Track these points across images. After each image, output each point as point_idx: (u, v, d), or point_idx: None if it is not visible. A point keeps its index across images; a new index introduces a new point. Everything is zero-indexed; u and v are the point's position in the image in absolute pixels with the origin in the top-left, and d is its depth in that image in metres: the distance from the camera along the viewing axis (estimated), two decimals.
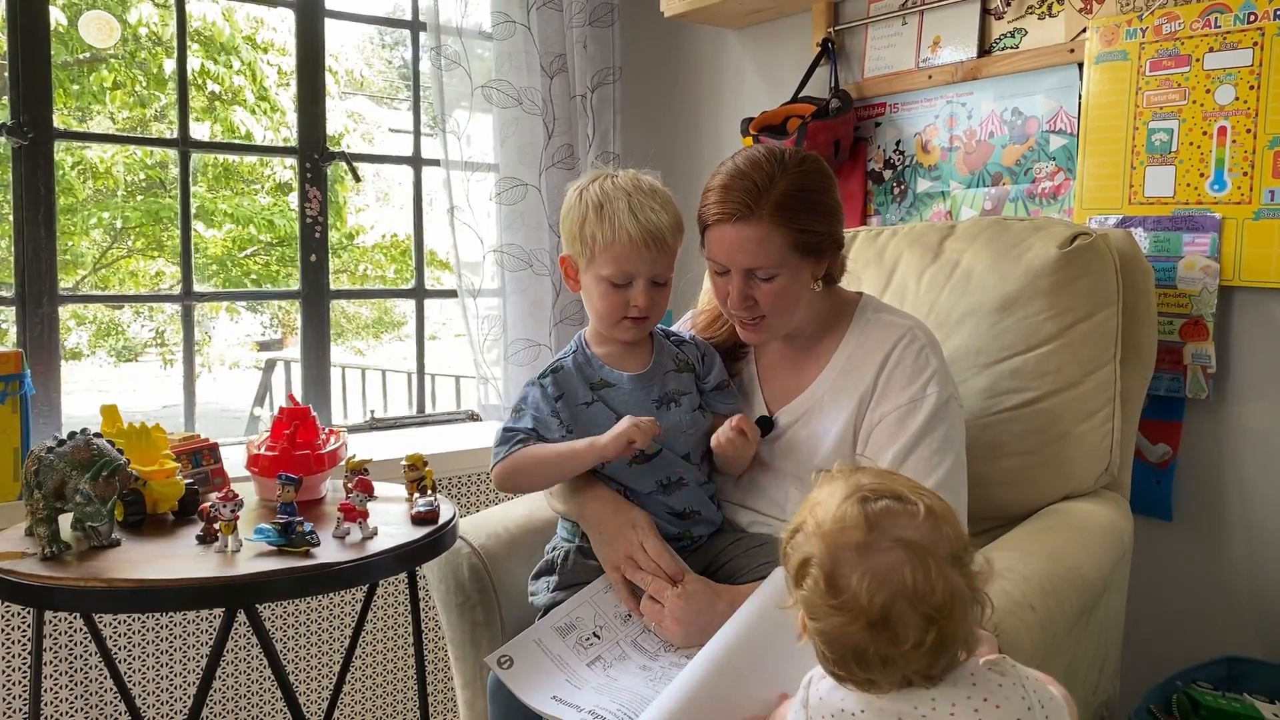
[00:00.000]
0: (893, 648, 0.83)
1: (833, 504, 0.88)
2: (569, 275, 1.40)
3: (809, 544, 0.87)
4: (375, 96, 9.36)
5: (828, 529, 0.86)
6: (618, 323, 1.35)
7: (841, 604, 0.84)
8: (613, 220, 1.30)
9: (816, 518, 0.88)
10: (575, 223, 1.35)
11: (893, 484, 0.89)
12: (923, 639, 0.82)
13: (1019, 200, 1.95)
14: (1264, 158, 1.60)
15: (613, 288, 1.33)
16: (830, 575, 0.85)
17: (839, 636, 0.85)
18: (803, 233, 1.29)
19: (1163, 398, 1.74)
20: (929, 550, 0.83)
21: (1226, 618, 1.71)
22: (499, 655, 1.31)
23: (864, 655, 0.84)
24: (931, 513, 0.86)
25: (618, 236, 1.30)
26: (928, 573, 0.82)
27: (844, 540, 0.85)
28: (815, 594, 0.85)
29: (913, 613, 0.82)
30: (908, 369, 1.33)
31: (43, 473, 1.28)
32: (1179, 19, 1.68)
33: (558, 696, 1.23)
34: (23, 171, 1.96)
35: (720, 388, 1.43)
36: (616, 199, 1.32)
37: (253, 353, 9.80)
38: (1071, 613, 1.22)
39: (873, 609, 0.82)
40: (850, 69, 2.23)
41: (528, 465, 1.34)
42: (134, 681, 1.86)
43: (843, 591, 0.84)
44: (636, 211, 1.30)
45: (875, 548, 0.84)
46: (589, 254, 1.33)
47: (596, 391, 1.37)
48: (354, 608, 2.09)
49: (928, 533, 0.84)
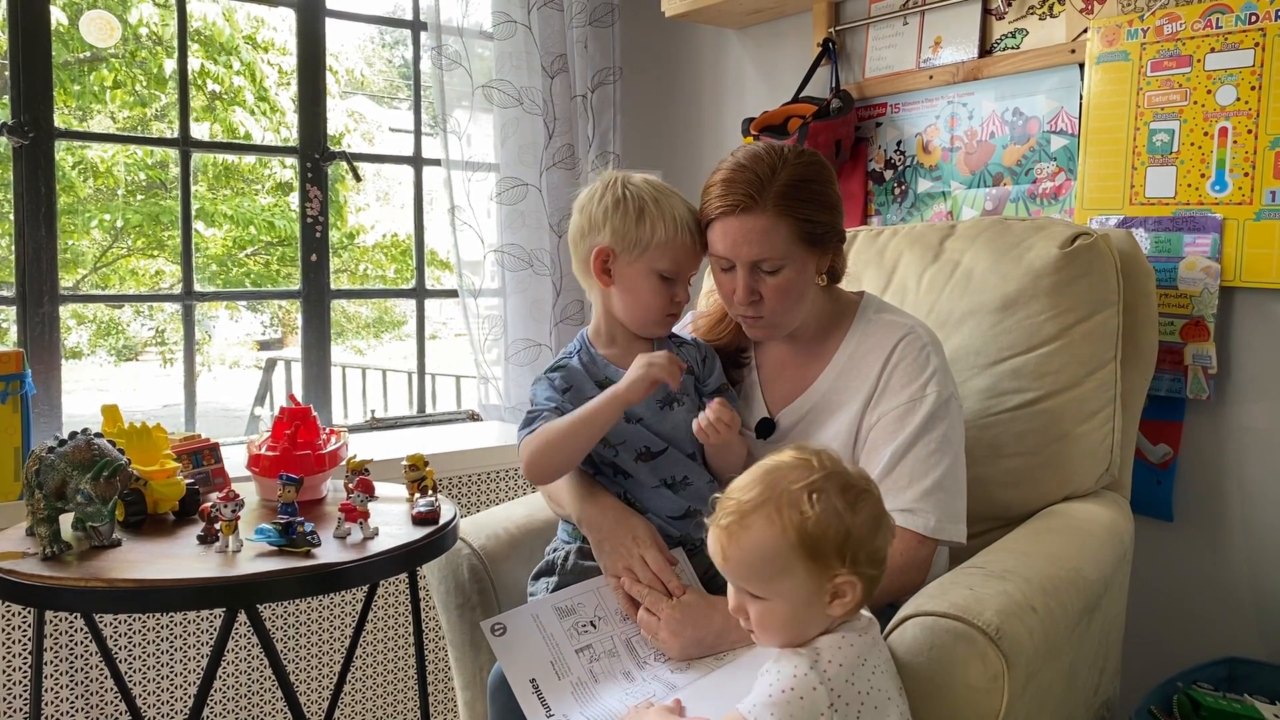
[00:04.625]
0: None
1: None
2: (600, 270, 1.37)
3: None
4: (376, 96, 9.36)
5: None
6: (661, 319, 1.38)
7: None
8: (674, 217, 1.34)
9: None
10: (628, 216, 1.34)
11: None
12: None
13: (1020, 201, 1.95)
14: (1265, 158, 1.60)
15: (663, 282, 1.35)
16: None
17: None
18: (807, 222, 1.29)
19: (1163, 398, 1.74)
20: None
21: (1227, 618, 1.71)
22: (494, 622, 1.32)
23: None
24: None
25: (680, 232, 1.34)
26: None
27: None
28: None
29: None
30: (908, 368, 1.33)
31: (43, 473, 1.28)
32: (1180, 19, 1.68)
33: (536, 681, 1.24)
34: (23, 171, 1.96)
35: (720, 391, 1.43)
36: (670, 196, 1.36)
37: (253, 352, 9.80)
38: (1073, 614, 1.22)
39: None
40: (851, 69, 2.23)
41: (554, 437, 1.29)
42: (135, 681, 1.86)
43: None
44: (689, 209, 1.36)
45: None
46: (642, 247, 1.34)
47: (602, 389, 1.37)
48: (354, 608, 2.09)
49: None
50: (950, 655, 1.05)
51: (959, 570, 1.22)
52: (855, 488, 1.00)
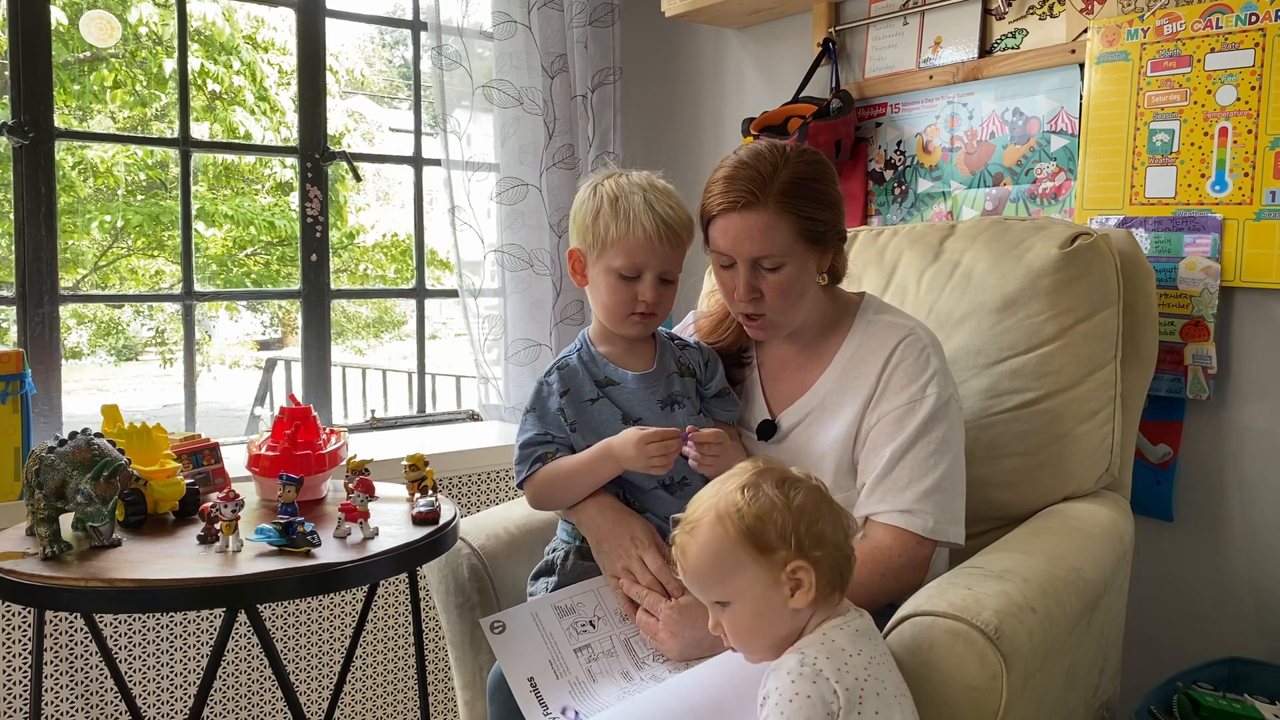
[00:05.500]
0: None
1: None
2: (575, 270, 1.40)
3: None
4: (376, 96, 9.36)
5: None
6: (625, 318, 1.36)
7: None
8: (628, 213, 1.32)
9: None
10: (589, 215, 1.35)
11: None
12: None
13: (1020, 201, 1.95)
14: (1265, 158, 1.60)
15: (622, 280, 1.34)
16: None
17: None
18: (808, 220, 1.30)
19: (1163, 398, 1.74)
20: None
21: (1227, 618, 1.71)
22: (493, 619, 1.33)
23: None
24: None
25: (632, 228, 1.31)
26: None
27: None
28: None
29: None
30: (908, 369, 1.33)
31: (44, 472, 1.28)
32: (1180, 19, 1.68)
33: (534, 680, 1.24)
34: (23, 171, 1.96)
35: (721, 394, 1.43)
36: (632, 194, 1.34)
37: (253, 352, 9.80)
38: (1072, 614, 1.22)
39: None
40: (851, 69, 2.23)
41: (554, 486, 1.36)
42: (135, 681, 1.86)
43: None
44: (653, 204, 1.33)
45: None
46: (600, 246, 1.34)
47: (603, 389, 1.37)
48: (354, 608, 2.09)
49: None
50: (949, 655, 1.05)
51: (958, 570, 1.22)
52: (791, 478, 1.03)
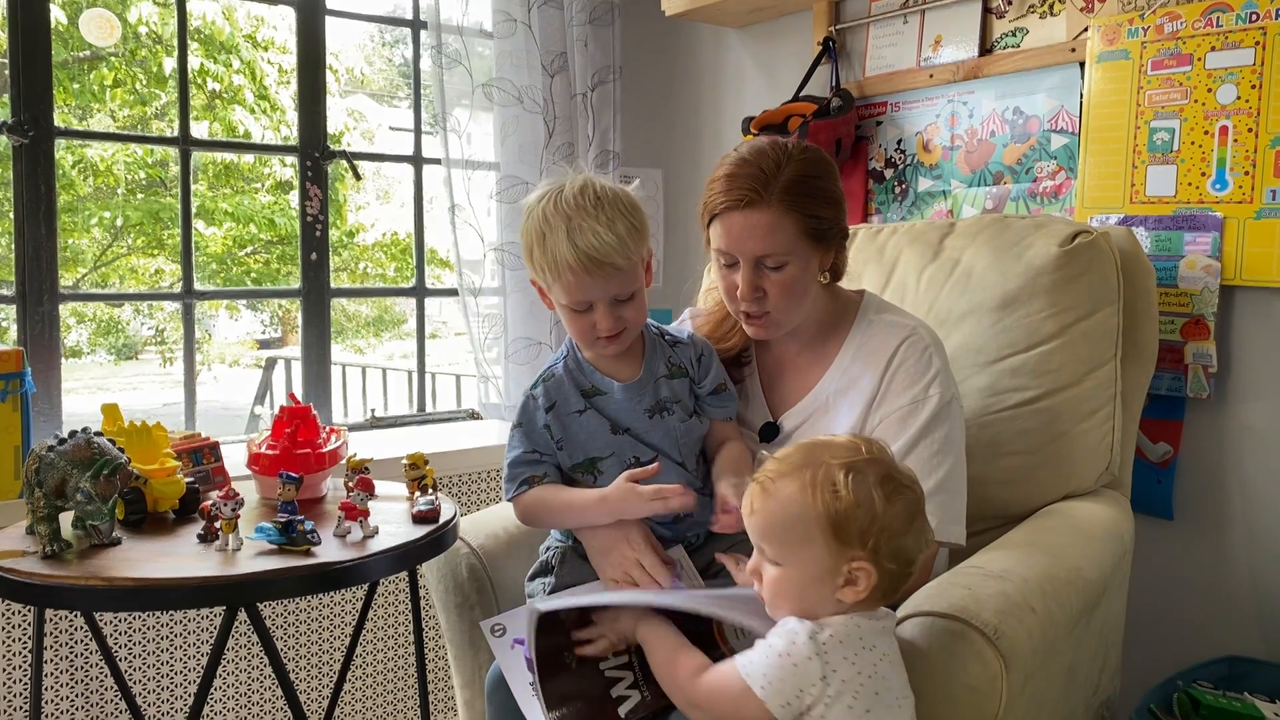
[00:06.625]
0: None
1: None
2: (542, 295, 1.35)
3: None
4: (376, 95, 9.36)
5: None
6: (593, 343, 1.31)
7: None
8: (554, 251, 1.23)
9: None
10: (525, 251, 1.29)
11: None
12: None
13: (1020, 199, 1.95)
14: (1265, 157, 1.60)
15: (575, 313, 1.28)
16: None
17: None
18: (811, 218, 1.29)
19: (1164, 397, 1.74)
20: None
21: (1227, 617, 1.71)
22: (493, 622, 1.32)
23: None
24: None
25: (560, 270, 1.23)
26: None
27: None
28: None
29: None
30: (911, 370, 1.33)
31: (43, 471, 1.28)
32: (1180, 18, 1.68)
33: (535, 683, 1.24)
34: (23, 169, 1.96)
35: (716, 391, 1.39)
36: (557, 227, 1.23)
37: (253, 351, 9.81)
38: (1072, 613, 1.22)
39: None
40: (851, 68, 2.23)
41: (543, 514, 1.34)
42: (135, 680, 1.86)
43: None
44: (575, 238, 1.21)
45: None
46: (545, 281, 1.29)
47: (589, 399, 1.33)
48: (354, 607, 2.09)
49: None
50: (948, 655, 1.05)
51: (958, 570, 1.21)
52: (896, 480, 0.98)
